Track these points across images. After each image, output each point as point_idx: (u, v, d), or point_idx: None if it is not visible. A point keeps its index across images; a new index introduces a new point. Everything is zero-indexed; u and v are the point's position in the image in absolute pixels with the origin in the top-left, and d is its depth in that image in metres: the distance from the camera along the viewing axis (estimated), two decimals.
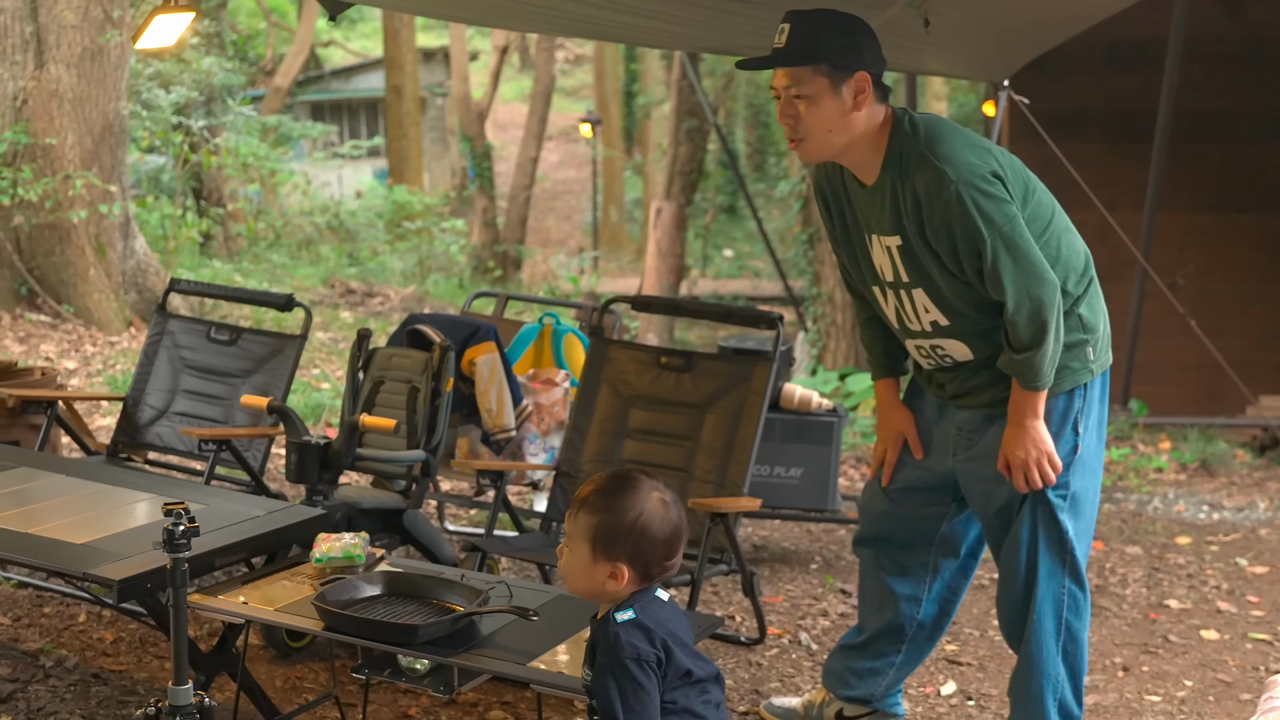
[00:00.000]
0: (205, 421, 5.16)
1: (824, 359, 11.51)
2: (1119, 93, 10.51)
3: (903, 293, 3.45)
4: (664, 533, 2.55)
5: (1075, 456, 3.43)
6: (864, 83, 3.29)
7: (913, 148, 3.29)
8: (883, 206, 3.35)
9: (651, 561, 2.55)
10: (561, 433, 5.15)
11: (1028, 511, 3.46)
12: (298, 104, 27.16)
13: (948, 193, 3.20)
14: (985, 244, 3.21)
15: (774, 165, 26.84)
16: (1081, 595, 3.53)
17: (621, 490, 2.57)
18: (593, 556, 2.55)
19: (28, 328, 9.22)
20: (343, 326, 11.66)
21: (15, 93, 9.45)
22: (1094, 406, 3.45)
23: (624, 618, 2.53)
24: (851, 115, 3.30)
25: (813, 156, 3.39)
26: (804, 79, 3.28)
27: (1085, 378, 3.40)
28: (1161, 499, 7.13)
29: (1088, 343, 3.40)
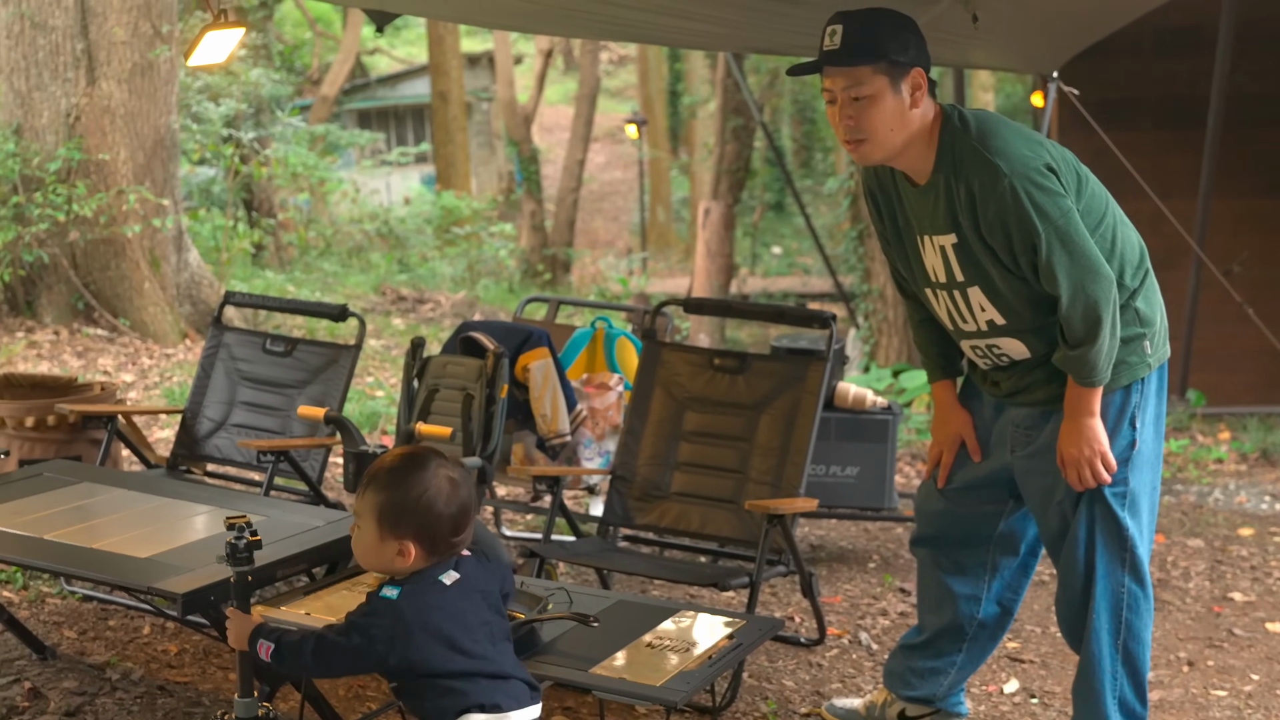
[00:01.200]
0: (263, 433, 5.20)
1: (876, 355, 11.46)
2: (1170, 79, 10.40)
3: (956, 293, 3.43)
4: (450, 510, 2.64)
5: (1133, 452, 3.40)
6: (920, 79, 3.28)
7: (965, 143, 3.27)
8: (936, 205, 3.34)
9: (438, 538, 2.64)
10: (616, 437, 5.16)
11: (1085, 508, 3.43)
12: (345, 112, 27.34)
13: (1001, 186, 3.18)
14: (1040, 238, 3.19)
15: (820, 161, 26.77)
16: (1142, 593, 3.49)
17: (409, 469, 2.64)
18: (379, 533, 2.63)
19: (85, 342, 9.32)
20: (395, 333, 11.72)
21: (68, 110, 9.55)
22: (1151, 401, 3.43)
23: (387, 594, 2.62)
24: (910, 113, 3.28)
25: (873, 157, 3.36)
26: (863, 79, 3.26)
27: (1142, 372, 3.37)
28: (1222, 490, 7.06)
29: (1144, 336, 3.37)
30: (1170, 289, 3.66)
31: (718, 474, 4.65)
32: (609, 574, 4.77)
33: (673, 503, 4.68)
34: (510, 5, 4.78)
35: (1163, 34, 10.12)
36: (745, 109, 15.31)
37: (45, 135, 9.56)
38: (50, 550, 3.58)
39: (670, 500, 4.69)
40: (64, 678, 4.14)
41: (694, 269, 15.20)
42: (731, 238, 15.40)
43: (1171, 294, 3.70)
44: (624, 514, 4.74)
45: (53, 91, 9.56)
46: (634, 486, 4.74)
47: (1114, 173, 4.70)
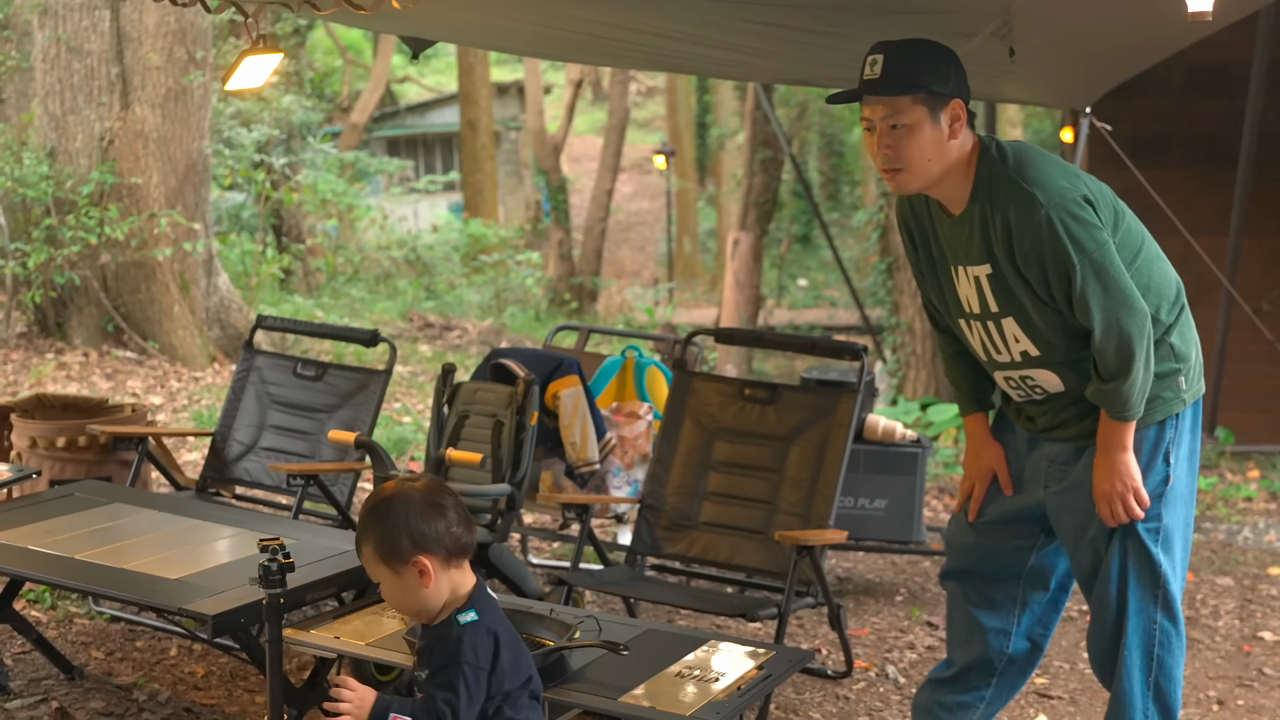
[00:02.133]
0: (292, 456, 5.21)
1: (904, 389, 11.43)
2: (1201, 117, 10.37)
3: (990, 324, 3.41)
4: (431, 510, 2.63)
5: (1166, 488, 3.36)
6: (959, 110, 3.27)
7: (1002, 173, 3.25)
8: (971, 236, 3.32)
9: (442, 537, 2.62)
10: (645, 465, 5.16)
11: (1118, 544, 3.38)
12: (374, 140, 27.48)
13: (1038, 217, 3.16)
14: (1075, 270, 3.16)
15: (848, 194, 26.78)
16: (1174, 629, 3.45)
17: (374, 505, 2.65)
18: (391, 571, 2.59)
19: (114, 364, 9.37)
20: (422, 360, 11.75)
21: (102, 133, 9.63)
22: (1185, 437, 3.39)
23: (466, 619, 2.59)
24: (948, 143, 3.27)
25: (910, 186, 3.35)
26: (902, 108, 3.25)
27: (1177, 408, 3.35)
28: (1252, 529, 7.02)
29: (1179, 372, 3.34)
30: (1200, 326, 3.65)
31: (747, 504, 4.63)
32: (636, 603, 4.76)
33: (701, 532, 4.67)
34: (544, 34, 4.81)
35: (1195, 72, 10.09)
36: (774, 141, 15.33)
37: (79, 158, 9.64)
38: (80, 570, 3.59)
39: (699, 530, 4.68)
40: (91, 698, 4.14)
41: (722, 300, 15.20)
42: (760, 269, 15.40)
43: (1202, 331, 3.68)
44: (652, 543, 4.73)
45: (87, 115, 9.64)
46: (663, 516, 4.74)
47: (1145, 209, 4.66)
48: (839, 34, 4.30)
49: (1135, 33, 4.64)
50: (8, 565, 3.68)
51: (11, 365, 9.03)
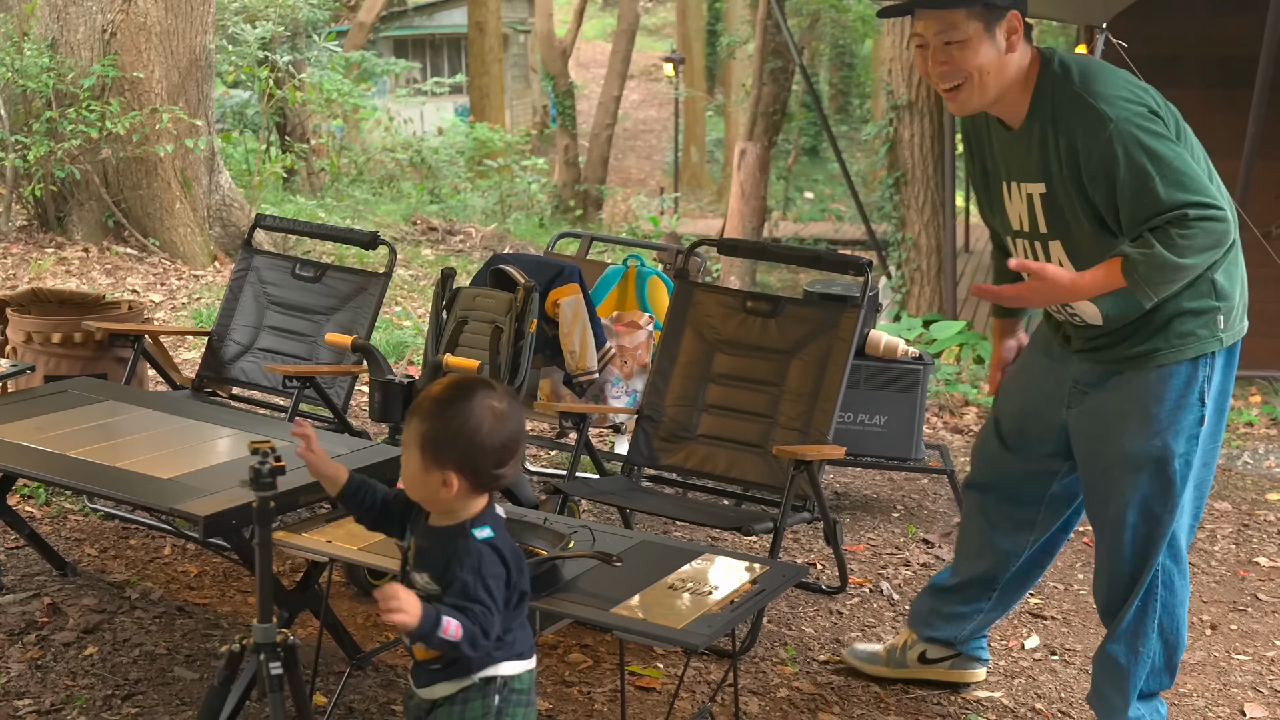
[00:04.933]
0: (289, 358, 5.17)
1: (908, 305, 11.38)
2: (1218, 37, 10.23)
3: (1038, 244, 3.32)
4: (493, 442, 2.52)
5: (1201, 428, 3.27)
6: (1017, 22, 3.17)
7: (1066, 89, 3.14)
8: (1029, 152, 3.23)
9: (481, 470, 2.52)
10: (644, 376, 5.12)
11: (1130, 478, 3.32)
12: (381, 40, 27.20)
13: (1106, 133, 3.04)
14: (1154, 179, 3.01)
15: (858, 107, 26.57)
16: (1176, 569, 3.43)
17: (454, 399, 2.54)
18: (423, 463, 2.52)
19: (115, 260, 9.31)
20: (424, 264, 11.69)
21: (104, 25, 9.49)
22: (1218, 376, 3.29)
23: (483, 535, 2.52)
24: (1006, 58, 3.16)
25: (969, 106, 3.25)
26: (957, 23, 3.14)
27: (1212, 346, 3.23)
28: (1252, 454, 7.00)
29: (1219, 310, 3.22)
30: None
31: (746, 418, 4.60)
32: (631, 514, 4.74)
33: (699, 445, 4.64)
34: None
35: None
36: (784, 51, 15.15)
37: (80, 51, 9.52)
38: (73, 467, 3.56)
39: (697, 442, 4.65)
40: (84, 595, 4.14)
41: (727, 210, 15.10)
42: (766, 180, 15.29)
43: None
44: (649, 454, 4.70)
45: (89, 7, 9.50)
46: (661, 427, 4.70)
47: None
48: None
49: None
50: (0, 461, 3.65)
51: (11, 259, 8.98)
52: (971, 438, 7.05)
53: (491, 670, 2.56)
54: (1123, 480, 3.34)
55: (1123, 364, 3.30)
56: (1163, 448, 3.27)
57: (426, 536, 2.61)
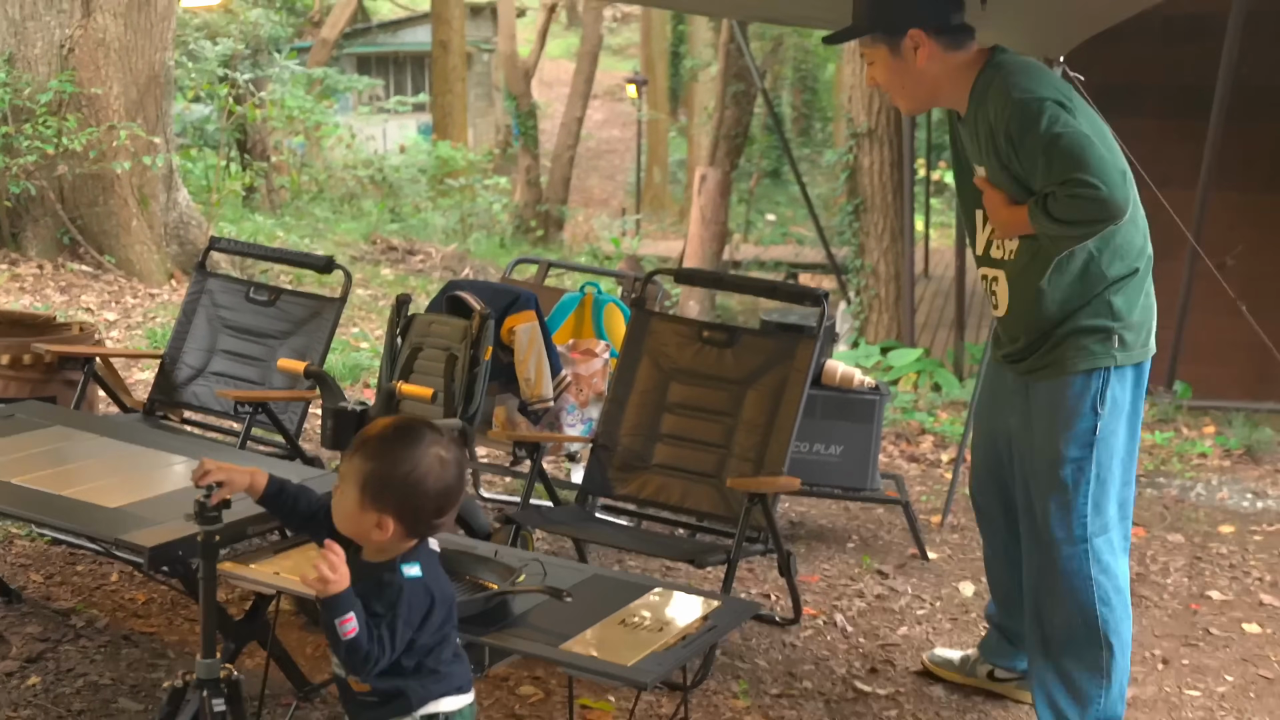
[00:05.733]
0: (242, 382, 5.13)
1: (866, 332, 11.40)
2: (1175, 67, 10.32)
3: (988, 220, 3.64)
4: (435, 490, 2.52)
5: (1094, 436, 3.52)
6: (918, 38, 3.48)
7: (993, 83, 3.44)
8: (973, 138, 3.55)
9: (420, 519, 2.53)
10: (600, 404, 5.10)
11: (1033, 481, 3.62)
12: (344, 56, 27.13)
13: (1009, 109, 3.34)
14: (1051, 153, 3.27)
15: (819, 131, 26.66)
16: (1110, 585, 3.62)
17: (399, 441, 2.53)
18: (360, 502, 2.50)
19: (69, 277, 9.23)
20: (383, 284, 11.64)
21: (62, 41, 9.42)
22: (1126, 395, 3.54)
23: (411, 574, 2.51)
24: (919, 68, 3.51)
25: (906, 110, 3.85)
26: (868, 47, 3.58)
27: (1107, 362, 3.49)
28: (1205, 485, 7.03)
29: (1113, 330, 3.48)
30: (1164, 279, 3.81)
31: (701, 448, 4.59)
32: (586, 545, 4.72)
33: (654, 474, 4.62)
34: None
35: (1172, 21, 10.00)
36: (747, 74, 15.19)
37: (38, 66, 9.44)
38: (17, 495, 3.51)
39: (651, 472, 4.63)
40: (28, 622, 4.08)
41: (688, 235, 15.11)
42: (726, 205, 15.31)
43: (1166, 283, 3.83)
44: (604, 483, 4.68)
45: (47, 21, 9.43)
46: (615, 456, 4.68)
47: None
48: None
49: None
50: None
51: None
52: (929, 466, 7.07)
53: (431, 707, 2.54)
54: (1033, 483, 3.65)
55: (1033, 375, 3.60)
56: (1056, 451, 3.55)
57: (355, 569, 2.59)
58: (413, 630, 2.48)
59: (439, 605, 2.52)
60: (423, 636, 2.52)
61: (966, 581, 5.22)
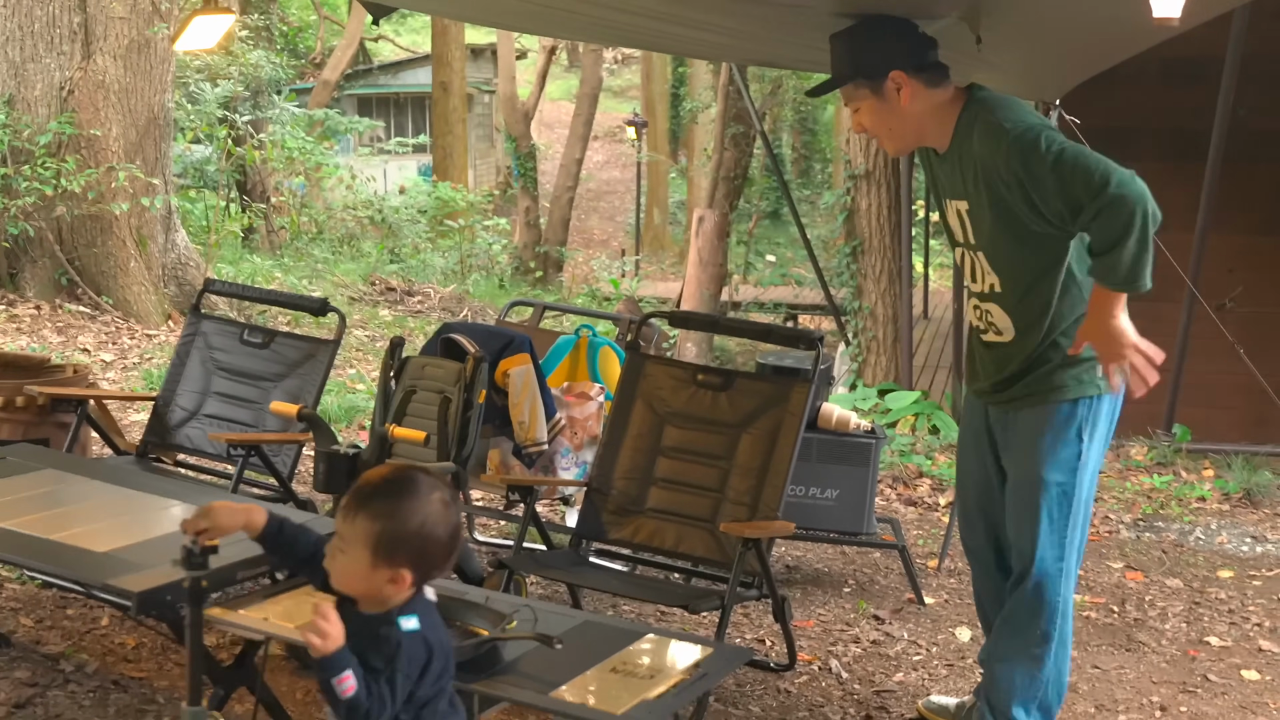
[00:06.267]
0: (236, 425, 5.11)
1: (864, 374, 11.37)
2: (1172, 110, 10.32)
3: (969, 253, 3.71)
4: (446, 535, 2.52)
5: (1079, 463, 3.64)
6: (900, 79, 3.56)
7: (978, 117, 3.52)
8: (954, 173, 3.62)
9: (434, 565, 2.53)
10: (594, 447, 5.08)
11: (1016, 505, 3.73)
12: (345, 98, 27.21)
13: (1005, 141, 3.40)
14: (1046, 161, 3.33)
15: (819, 172, 26.73)
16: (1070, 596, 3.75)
17: (403, 495, 2.51)
18: (372, 562, 2.47)
19: (67, 318, 9.23)
20: (381, 325, 11.64)
21: (62, 83, 9.46)
22: (1101, 423, 3.67)
23: (409, 626, 2.49)
24: (904, 108, 3.59)
25: (894, 151, 3.82)
26: (850, 94, 3.66)
27: (1092, 391, 3.61)
28: (1204, 530, 7.00)
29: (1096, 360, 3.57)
30: (1162, 321, 3.87)
31: (695, 492, 4.56)
32: (580, 590, 4.69)
33: (648, 519, 4.60)
34: (508, 4, 4.70)
35: (1168, 64, 10.02)
36: (746, 116, 15.23)
37: (37, 107, 9.48)
38: (6, 539, 3.49)
39: (646, 516, 4.61)
40: (16, 667, 4.05)
41: (685, 277, 15.11)
42: (725, 247, 15.31)
43: (1164, 326, 3.91)
44: (598, 528, 4.66)
45: (47, 64, 9.47)
46: (609, 500, 4.66)
47: None
48: (807, 22, 4.21)
49: (1110, 27, 4.57)
50: None
51: None
52: (926, 510, 7.03)
53: None
54: (1018, 508, 3.74)
55: (1019, 403, 3.70)
56: (1041, 477, 3.65)
57: (351, 622, 2.56)
58: (411, 684, 2.46)
59: (437, 657, 2.50)
60: (421, 689, 2.50)
61: (963, 626, 5.18)
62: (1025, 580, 3.73)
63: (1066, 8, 3.97)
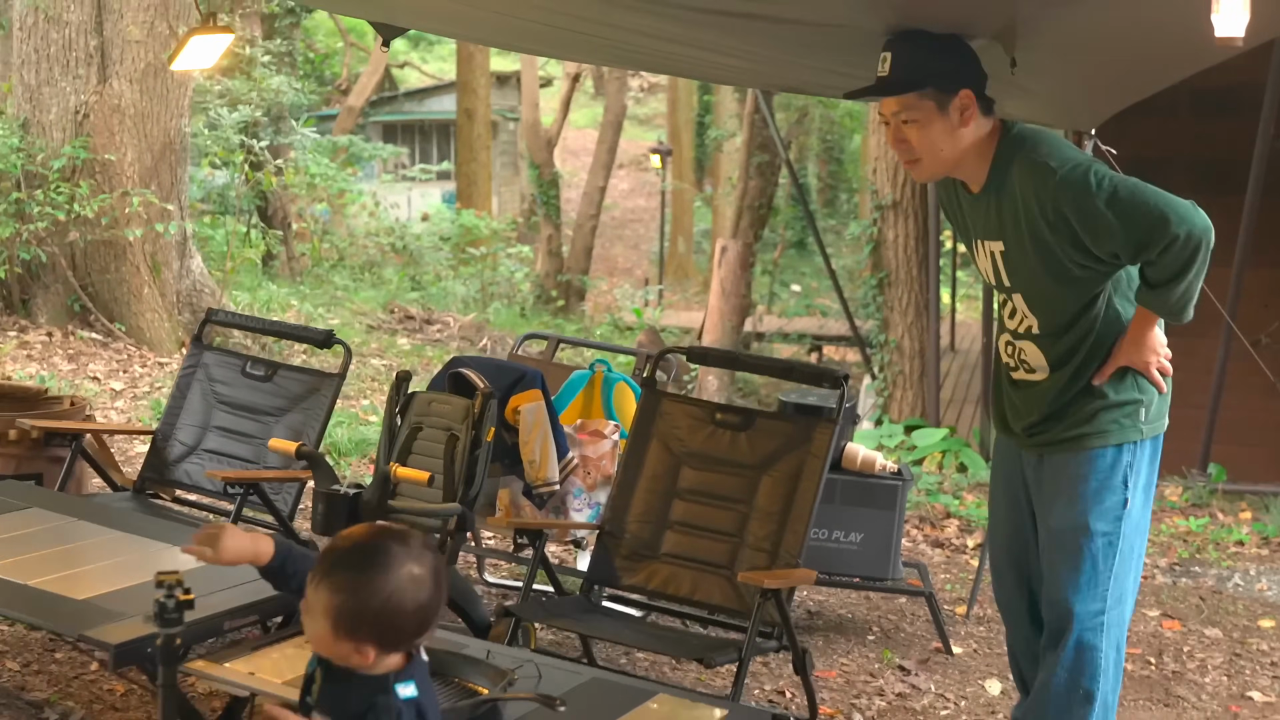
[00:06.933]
0: (236, 460, 4.93)
1: (890, 409, 11.13)
2: (1207, 141, 10.10)
3: (1004, 296, 3.57)
4: (413, 610, 2.32)
5: (1124, 511, 3.47)
6: (968, 100, 3.37)
7: (1019, 155, 3.36)
8: (988, 213, 3.45)
9: (400, 640, 2.34)
10: (608, 488, 4.87)
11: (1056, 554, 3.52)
12: (370, 124, 27.17)
13: (1052, 181, 3.26)
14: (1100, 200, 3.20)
15: (845, 202, 26.53)
16: (1116, 658, 3.55)
17: (369, 567, 2.31)
18: (334, 634, 2.30)
19: (78, 345, 9.08)
20: (399, 353, 11.45)
21: (77, 106, 9.34)
22: (1144, 467, 3.51)
23: (406, 694, 2.33)
24: (959, 132, 3.38)
25: (927, 175, 3.52)
26: (911, 104, 3.38)
27: (1134, 436, 3.47)
28: (1242, 575, 6.74)
29: (1141, 404, 3.47)
30: (1198, 357, 3.73)
31: (713, 537, 4.35)
32: (593, 640, 4.48)
33: (663, 564, 4.39)
34: (521, 26, 4.53)
35: (1201, 95, 9.80)
36: (771, 145, 15.06)
37: (52, 131, 9.36)
38: None
39: (660, 561, 4.39)
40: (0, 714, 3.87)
41: (707, 308, 14.91)
42: (748, 277, 15.13)
43: (1199, 362, 3.76)
44: (610, 573, 4.44)
45: (63, 87, 9.35)
46: (623, 544, 4.45)
47: None
48: (835, 43, 4.02)
49: (1151, 54, 4.37)
50: None
51: None
52: (953, 552, 6.81)
53: None
54: (1054, 556, 3.53)
55: (1055, 447, 3.52)
56: (1085, 525, 3.46)
57: (340, 680, 2.37)
58: None
59: None
60: None
61: (993, 679, 4.95)
62: (1064, 637, 3.51)
63: (1111, 25, 3.76)
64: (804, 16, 3.72)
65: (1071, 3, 3.43)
